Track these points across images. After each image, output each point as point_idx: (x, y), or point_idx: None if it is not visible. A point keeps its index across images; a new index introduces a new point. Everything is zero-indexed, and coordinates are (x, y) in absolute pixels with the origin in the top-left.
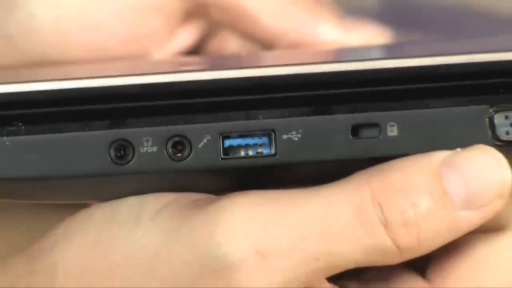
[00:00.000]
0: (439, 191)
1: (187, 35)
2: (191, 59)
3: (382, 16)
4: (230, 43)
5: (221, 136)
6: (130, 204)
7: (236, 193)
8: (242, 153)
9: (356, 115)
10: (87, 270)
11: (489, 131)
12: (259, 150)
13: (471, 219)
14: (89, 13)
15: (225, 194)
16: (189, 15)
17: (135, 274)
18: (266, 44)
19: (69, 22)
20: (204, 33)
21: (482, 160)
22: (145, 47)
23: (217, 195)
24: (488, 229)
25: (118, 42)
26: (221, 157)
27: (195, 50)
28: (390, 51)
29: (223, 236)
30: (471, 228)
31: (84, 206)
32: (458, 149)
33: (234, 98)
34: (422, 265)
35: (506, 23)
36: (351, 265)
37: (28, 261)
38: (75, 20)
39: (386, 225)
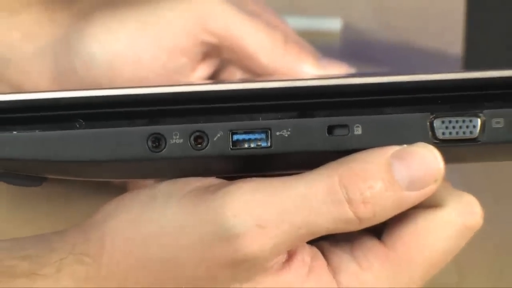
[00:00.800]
0: (389, 177)
1: (205, 69)
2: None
3: (343, 52)
4: (236, 75)
5: (230, 132)
6: (164, 188)
7: (239, 180)
8: (246, 145)
9: (331, 118)
10: (129, 240)
11: (430, 132)
12: (259, 143)
13: (413, 197)
14: (135, 54)
15: (234, 176)
16: (207, 55)
17: (166, 243)
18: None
19: (121, 60)
20: (217, 68)
21: (422, 154)
22: (174, 79)
23: (227, 177)
24: (428, 206)
25: (155, 75)
26: (230, 148)
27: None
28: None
29: (231, 213)
30: (413, 204)
31: (123, 190)
32: (405, 145)
33: (241, 104)
34: (379, 231)
35: (437, 56)
36: (324, 232)
37: (84, 232)
38: (125, 59)
39: (350, 202)
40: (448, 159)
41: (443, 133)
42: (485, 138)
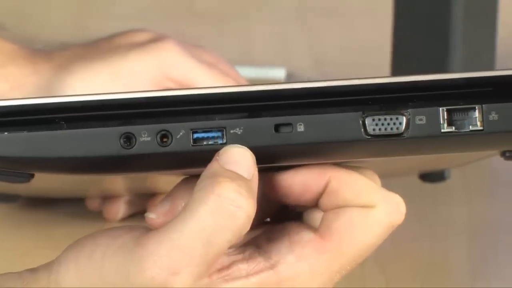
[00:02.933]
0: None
1: None
2: None
3: None
4: None
5: (191, 131)
6: (100, 241)
7: (152, 233)
8: (205, 143)
9: (277, 118)
10: None
11: (362, 128)
12: (216, 141)
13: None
14: None
15: (196, 168)
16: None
17: None
18: None
19: None
20: None
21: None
22: None
23: (189, 173)
24: (363, 205)
25: None
26: (191, 144)
27: None
28: None
29: (149, 273)
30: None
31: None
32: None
33: (200, 107)
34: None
35: None
36: (228, 245)
37: (44, 273)
38: None
39: (239, 207)
40: (380, 153)
41: (374, 129)
42: (410, 133)
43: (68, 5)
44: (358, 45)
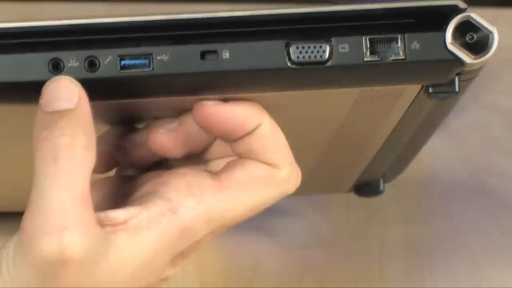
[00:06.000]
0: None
1: None
2: None
3: None
4: None
5: (119, 57)
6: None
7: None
8: (133, 69)
9: (203, 45)
10: None
11: (286, 56)
12: (143, 68)
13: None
14: None
15: (123, 96)
16: None
17: None
18: None
19: None
20: None
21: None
22: None
23: (116, 102)
24: (272, 164)
25: None
26: (119, 70)
27: None
28: None
29: (38, 245)
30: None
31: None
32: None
33: (127, 35)
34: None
35: None
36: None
37: None
38: None
39: None
40: (305, 82)
41: (298, 57)
42: (333, 61)
43: None
44: None
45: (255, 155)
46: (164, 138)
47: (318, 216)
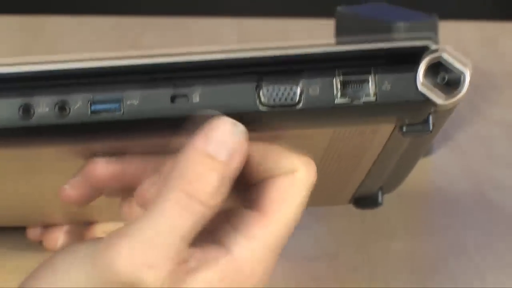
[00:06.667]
0: (210, 161)
1: None
2: None
3: None
4: None
5: (89, 102)
6: (58, 261)
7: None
8: (103, 114)
9: (173, 90)
10: None
11: (257, 99)
12: (114, 112)
13: (234, 164)
14: None
15: (95, 140)
16: None
17: None
18: None
19: None
20: None
21: (218, 123)
22: None
23: (88, 149)
24: (285, 173)
25: None
26: (89, 115)
27: None
28: None
29: (123, 269)
30: (239, 167)
31: None
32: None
33: (97, 79)
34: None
35: None
36: (193, 233)
37: None
38: None
39: (202, 204)
40: (277, 125)
41: (268, 100)
42: (304, 104)
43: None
44: None
45: (267, 174)
46: (68, 193)
47: (324, 228)
